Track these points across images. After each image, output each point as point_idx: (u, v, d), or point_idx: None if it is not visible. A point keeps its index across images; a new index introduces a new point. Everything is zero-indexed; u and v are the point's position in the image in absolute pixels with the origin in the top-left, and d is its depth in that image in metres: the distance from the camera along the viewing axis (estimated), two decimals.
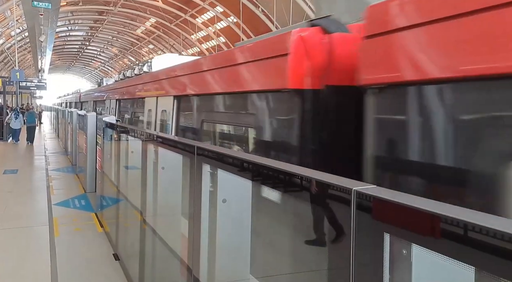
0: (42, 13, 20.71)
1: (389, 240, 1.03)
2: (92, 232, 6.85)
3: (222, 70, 4.12)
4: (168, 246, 3.62)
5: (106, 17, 46.58)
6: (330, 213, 1.32)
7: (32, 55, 36.70)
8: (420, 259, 1.00)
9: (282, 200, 1.87)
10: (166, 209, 3.92)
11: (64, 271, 5.20)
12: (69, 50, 66.62)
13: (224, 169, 2.28)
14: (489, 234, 0.83)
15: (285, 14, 25.66)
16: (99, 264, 5.47)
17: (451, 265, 0.89)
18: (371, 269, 1.11)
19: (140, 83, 8.32)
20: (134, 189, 4.56)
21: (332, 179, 1.29)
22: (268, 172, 1.82)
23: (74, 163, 13.05)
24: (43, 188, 10.02)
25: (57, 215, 7.73)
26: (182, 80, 5.50)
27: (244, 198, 2.27)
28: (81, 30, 55.20)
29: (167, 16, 41.18)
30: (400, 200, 1.02)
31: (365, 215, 1.13)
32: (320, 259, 1.43)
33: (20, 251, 5.88)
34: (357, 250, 1.13)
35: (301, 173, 1.49)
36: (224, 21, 35.40)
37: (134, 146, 4.74)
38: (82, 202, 8.86)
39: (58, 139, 21.95)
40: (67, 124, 15.03)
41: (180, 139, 3.63)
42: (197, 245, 2.53)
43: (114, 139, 6.06)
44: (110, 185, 6.39)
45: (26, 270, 5.23)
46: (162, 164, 3.82)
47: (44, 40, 25.08)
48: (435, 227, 0.94)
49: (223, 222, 2.41)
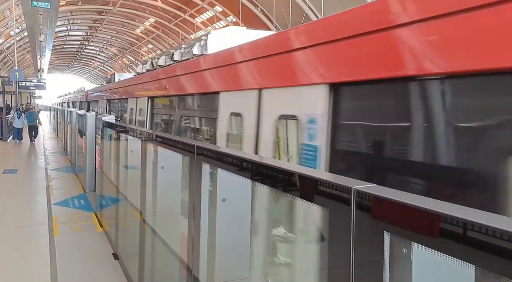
0: (41, 13, 20.66)
1: (389, 239, 1.03)
2: (91, 232, 6.85)
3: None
4: (167, 246, 3.62)
5: (105, 17, 46.54)
6: (330, 211, 1.31)
7: (31, 55, 36.65)
8: (421, 258, 1.00)
9: (282, 199, 1.87)
10: (166, 209, 3.92)
11: (64, 270, 5.20)
12: (68, 50, 66.55)
13: (224, 168, 2.27)
14: (489, 232, 0.83)
15: (285, 14, 25.65)
16: (98, 263, 5.47)
17: (451, 263, 0.89)
18: (371, 268, 1.11)
19: (193, 71, 5.56)
20: (134, 189, 4.55)
21: (332, 177, 1.28)
22: (267, 171, 1.81)
23: (73, 163, 13.04)
24: (43, 188, 10.01)
25: (57, 215, 7.73)
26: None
27: (244, 197, 2.27)
28: (80, 30, 55.14)
29: (166, 15, 41.15)
30: (400, 199, 1.02)
31: (365, 213, 1.12)
32: (320, 258, 1.43)
33: (20, 250, 5.87)
34: (357, 249, 1.12)
35: (301, 172, 1.49)
36: (223, 20, 35.37)
37: (133, 146, 4.73)
38: (82, 202, 8.85)
39: (57, 139, 21.94)
40: (67, 124, 15.01)
41: (179, 138, 3.62)
42: (196, 245, 2.53)
43: (114, 139, 6.05)
44: (109, 185, 6.38)
45: (25, 269, 5.22)
46: (162, 164, 3.81)
47: (44, 40, 25.04)
48: (435, 226, 0.94)
49: (222, 221, 2.41)
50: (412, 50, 2.21)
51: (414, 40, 2.22)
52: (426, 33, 2.13)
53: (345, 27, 2.74)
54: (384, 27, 2.33)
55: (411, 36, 2.23)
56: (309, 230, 1.83)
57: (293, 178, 1.53)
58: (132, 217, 4.81)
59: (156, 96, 7.27)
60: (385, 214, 1.08)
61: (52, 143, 20.93)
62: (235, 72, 4.25)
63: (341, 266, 1.22)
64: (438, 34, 2.07)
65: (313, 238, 1.71)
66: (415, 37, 2.20)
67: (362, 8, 2.64)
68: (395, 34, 2.30)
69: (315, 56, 2.98)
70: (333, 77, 2.78)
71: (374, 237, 1.08)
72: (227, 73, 4.51)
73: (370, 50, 2.48)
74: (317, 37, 2.99)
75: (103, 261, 5.53)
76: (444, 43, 2.03)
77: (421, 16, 2.11)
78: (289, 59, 3.25)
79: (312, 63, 3.02)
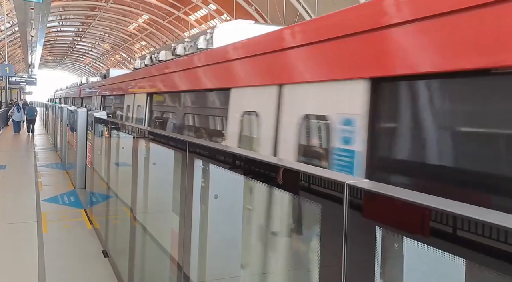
0: (33, 8, 20.46)
1: (381, 234, 1.04)
2: (81, 229, 6.79)
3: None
4: (158, 243, 3.59)
5: (98, 13, 46.17)
6: (323, 206, 1.31)
7: (22, 50, 36.23)
8: (412, 252, 1.00)
9: (274, 194, 1.87)
10: (157, 206, 3.89)
11: (52, 268, 5.14)
12: (60, 46, 65.92)
13: (216, 164, 2.26)
14: (478, 227, 0.83)
15: (278, 12, 25.68)
16: (88, 261, 5.42)
17: (443, 258, 0.89)
18: (363, 263, 1.11)
19: (196, 66, 5.20)
20: (125, 185, 4.52)
21: (325, 173, 1.29)
22: (260, 166, 1.81)
23: (63, 159, 12.91)
24: (32, 184, 9.90)
25: (46, 212, 7.64)
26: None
27: (236, 193, 2.26)
28: (72, 26, 54.65)
29: (160, 13, 40.95)
30: (392, 194, 1.02)
31: (357, 208, 1.13)
32: (313, 252, 1.43)
33: (8, 247, 5.80)
34: (349, 244, 1.12)
35: (294, 167, 1.49)
36: (217, 18, 35.28)
37: (125, 142, 4.69)
38: (71, 199, 8.77)
39: (47, 135, 21.73)
40: (57, 120, 14.86)
41: (171, 134, 3.60)
42: (187, 242, 2.51)
43: (105, 135, 6.00)
44: (100, 181, 6.33)
45: (13, 267, 5.16)
46: (153, 160, 3.79)
47: (35, 35, 24.80)
48: (427, 220, 0.94)
49: (214, 218, 2.40)
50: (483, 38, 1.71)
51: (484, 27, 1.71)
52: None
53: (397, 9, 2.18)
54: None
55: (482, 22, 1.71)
56: (303, 225, 1.83)
57: (285, 173, 1.53)
58: (123, 214, 4.78)
59: (156, 92, 6.87)
60: (377, 209, 1.08)
61: (42, 139, 20.73)
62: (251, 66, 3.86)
63: (333, 261, 1.22)
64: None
65: (306, 232, 1.71)
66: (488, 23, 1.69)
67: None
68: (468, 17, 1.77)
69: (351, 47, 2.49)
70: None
71: (366, 232, 1.08)
72: (242, 68, 4.10)
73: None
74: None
75: (92, 258, 5.49)
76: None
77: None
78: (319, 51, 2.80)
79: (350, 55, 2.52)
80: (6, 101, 30.08)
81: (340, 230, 1.14)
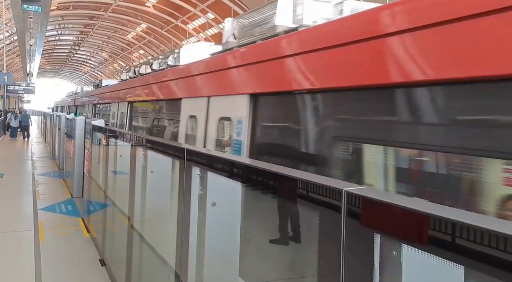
0: (32, 17, 20.54)
1: (379, 241, 1.03)
2: (78, 237, 6.74)
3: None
4: (155, 252, 3.57)
5: (96, 22, 46.39)
6: (321, 214, 1.31)
7: (21, 59, 36.33)
8: (411, 259, 0.99)
9: (272, 202, 1.86)
10: (155, 214, 3.88)
11: (49, 276, 5.10)
12: (59, 55, 66.11)
13: (213, 172, 2.26)
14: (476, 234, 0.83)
15: None
16: (85, 269, 5.37)
17: (442, 265, 0.89)
18: (361, 270, 1.10)
19: (167, 80, 6.19)
20: (122, 194, 4.50)
21: (323, 180, 1.28)
22: (257, 174, 1.80)
23: (61, 168, 12.87)
24: (29, 193, 9.85)
25: (43, 220, 7.59)
26: (261, 70, 3.53)
27: (234, 201, 2.25)
28: (71, 35, 54.87)
29: (158, 22, 41.18)
30: (390, 201, 1.02)
31: (355, 215, 1.12)
32: (311, 260, 1.42)
33: (4, 256, 5.75)
34: (347, 251, 1.12)
35: (291, 175, 1.48)
36: (215, 27, 35.49)
37: (122, 150, 4.69)
38: (69, 207, 8.72)
39: (45, 143, 21.68)
40: (55, 128, 14.83)
41: (169, 142, 3.60)
42: (185, 250, 2.50)
43: (102, 144, 5.99)
44: (97, 190, 6.30)
45: (10, 275, 5.11)
46: (151, 168, 3.78)
47: (34, 44, 24.89)
48: (426, 228, 0.93)
49: (212, 226, 2.38)
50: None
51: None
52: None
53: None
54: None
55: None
56: (301, 233, 1.82)
57: (283, 180, 1.52)
58: (120, 223, 4.75)
59: (134, 101, 8.11)
60: (375, 216, 1.08)
61: (40, 147, 20.67)
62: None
63: (331, 268, 1.21)
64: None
65: (305, 240, 1.70)
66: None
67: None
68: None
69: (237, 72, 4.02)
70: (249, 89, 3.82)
71: (365, 239, 1.08)
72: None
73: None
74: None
75: (89, 267, 5.44)
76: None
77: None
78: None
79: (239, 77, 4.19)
80: (5, 110, 30.47)
81: (338, 237, 1.13)
